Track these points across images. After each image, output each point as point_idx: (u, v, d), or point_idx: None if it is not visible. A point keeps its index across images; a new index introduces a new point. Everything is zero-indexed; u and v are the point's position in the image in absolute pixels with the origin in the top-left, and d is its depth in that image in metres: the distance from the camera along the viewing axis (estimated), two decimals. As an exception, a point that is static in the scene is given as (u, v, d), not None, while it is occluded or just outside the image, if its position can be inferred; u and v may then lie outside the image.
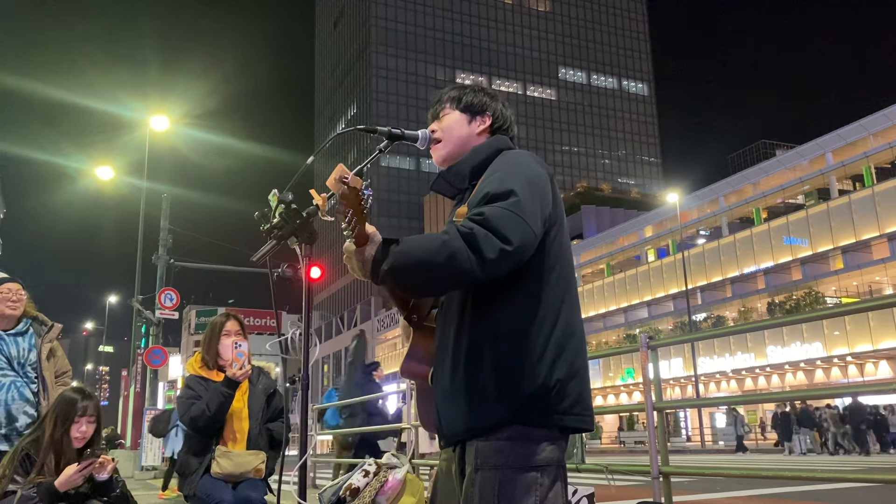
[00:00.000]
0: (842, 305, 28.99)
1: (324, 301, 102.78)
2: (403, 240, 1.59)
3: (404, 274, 1.57)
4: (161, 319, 17.19)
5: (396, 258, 1.56)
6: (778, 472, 4.36)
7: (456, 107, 1.96)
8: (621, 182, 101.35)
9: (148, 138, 19.60)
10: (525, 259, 1.60)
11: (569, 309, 1.71)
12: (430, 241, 1.56)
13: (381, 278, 1.58)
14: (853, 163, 40.59)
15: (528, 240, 1.59)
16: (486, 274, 1.54)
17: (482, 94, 1.98)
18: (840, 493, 7.68)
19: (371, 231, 1.60)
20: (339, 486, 4.22)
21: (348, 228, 1.57)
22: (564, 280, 1.73)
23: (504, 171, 1.71)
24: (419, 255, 1.55)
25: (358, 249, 1.60)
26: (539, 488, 1.59)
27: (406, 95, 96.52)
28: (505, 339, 1.63)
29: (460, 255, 1.52)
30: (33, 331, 3.94)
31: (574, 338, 1.70)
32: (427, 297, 1.85)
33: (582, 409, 1.67)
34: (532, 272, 1.66)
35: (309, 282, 2.25)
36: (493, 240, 1.53)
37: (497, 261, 1.53)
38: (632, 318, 51.96)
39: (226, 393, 3.47)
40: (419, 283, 1.61)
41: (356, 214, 1.55)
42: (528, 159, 1.78)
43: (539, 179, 1.71)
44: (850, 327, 36.45)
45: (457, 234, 1.55)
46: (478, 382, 1.63)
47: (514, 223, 1.56)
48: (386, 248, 1.58)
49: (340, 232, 1.58)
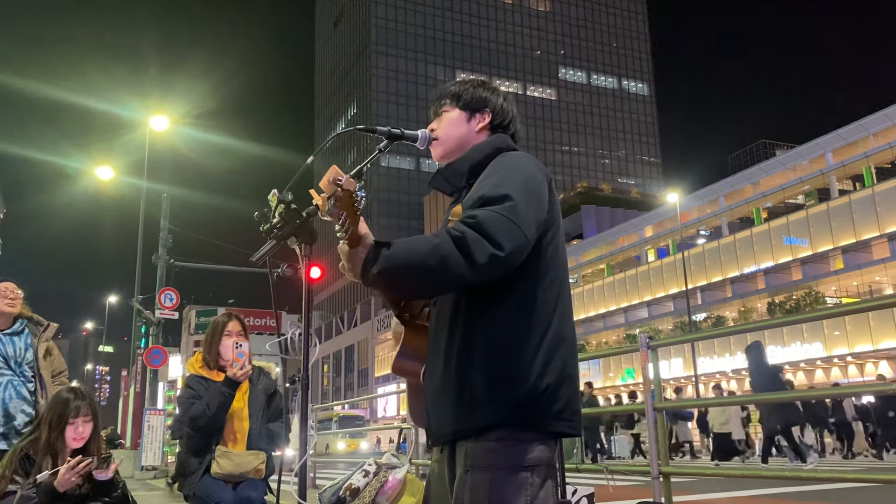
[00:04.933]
0: (842, 305, 29.02)
1: (324, 301, 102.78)
2: (394, 242, 1.57)
3: (394, 277, 1.56)
4: (161, 319, 17.18)
5: (386, 261, 1.55)
6: (778, 473, 4.36)
7: (455, 104, 1.94)
8: (621, 182, 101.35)
9: (148, 138, 19.58)
10: (516, 264, 1.59)
11: (561, 313, 1.71)
12: (420, 244, 1.55)
13: (370, 280, 1.57)
14: (853, 163, 40.60)
15: (521, 245, 1.57)
16: (476, 278, 1.53)
17: (482, 89, 1.96)
18: (840, 493, 7.67)
19: (364, 232, 1.59)
20: (339, 486, 4.21)
21: (341, 230, 1.57)
22: (558, 283, 1.72)
23: (500, 175, 1.69)
24: (409, 258, 1.54)
25: (351, 251, 1.59)
26: (530, 488, 1.59)
27: (406, 95, 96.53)
28: (497, 341, 1.63)
29: (451, 259, 1.51)
30: (29, 331, 3.95)
31: (565, 342, 1.69)
32: (417, 299, 1.85)
33: (571, 414, 1.66)
34: (526, 274, 1.65)
35: (309, 282, 2.24)
36: (485, 244, 1.52)
37: (488, 266, 1.52)
38: (632, 318, 51.98)
39: (226, 393, 3.47)
40: (409, 286, 1.60)
41: (349, 216, 1.55)
42: (526, 162, 1.76)
43: (535, 183, 1.70)
44: (850, 327, 36.47)
45: (448, 237, 1.53)
46: (468, 383, 1.62)
47: (507, 228, 1.55)
48: (377, 251, 1.56)
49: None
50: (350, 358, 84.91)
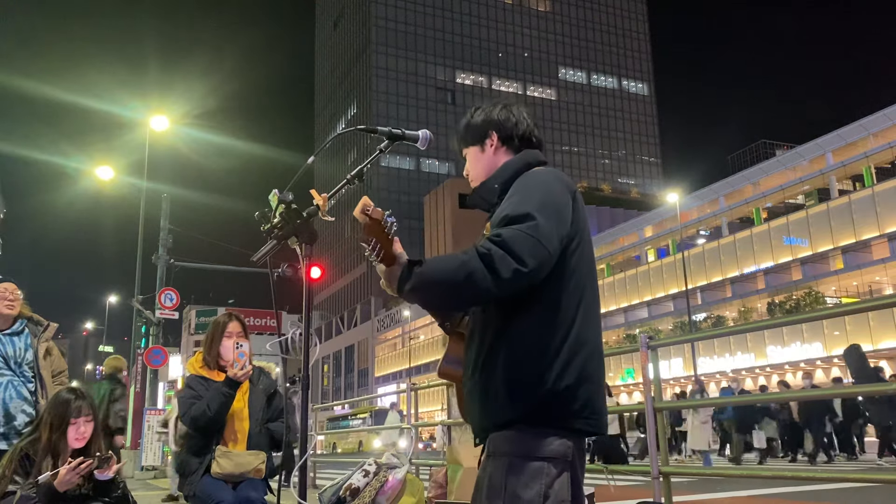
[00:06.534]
0: (842, 305, 29.00)
1: (324, 301, 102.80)
2: (426, 260, 1.70)
3: (426, 293, 1.70)
4: (161, 319, 17.19)
5: (418, 278, 1.67)
6: (778, 472, 4.37)
7: (466, 145, 2.05)
8: (621, 182, 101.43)
9: (148, 138, 19.59)
10: (540, 278, 1.70)
11: (583, 316, 1.79)
12: (449, 261, 1.67)
13: (405, 296, 1.70)
14: (853, 163, 40.61)
15: (543, 260, 1.67)
16: (501, 292, 1.65)
17: (478, 114, 2.04)
18: (840, 493, 7.68)
19: (398, 252, 1.70)
20: (339, 486, 4.21)
21: (372, 254, 1.67)
22: (580, 288, 1.81)
23: (522, 194, 1.79)
24: (439, 275, 1.67)
25: (387, 269, 1.71)
26: (545, 478, 1.68)
27: (406, 95, 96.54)
28: (518, 346, 1.73)
29: (477, 275, 1.62)
30: (29, 331, 3.95)
31: (587, 345, 1.78)
32: (449, 311, 2.00)
33: (590, 412, 1.75)
34: (549, 281, 1.75)
35: (309, 282, 2.25)
36: (509, 260, 1.62)
37: (512, 280, 1.63)
38: (632, 318, 52.00)
39: (226, 393, 3.47)
40: (440, 301, 1.75)
41: (380, 241, 1.67)
42: (548, 177, 1.85)
43: (556, 200, 1.78)
44: (850, 327, 36.47)
45: (475, 254, 1.64)
46: (492, 384, 1.75)
47: (530, 244, 1.65)
48: (410, 269, 1.68)
49: (340, 232, 1.59)
50: (350, 358, 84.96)
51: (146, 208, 19.06)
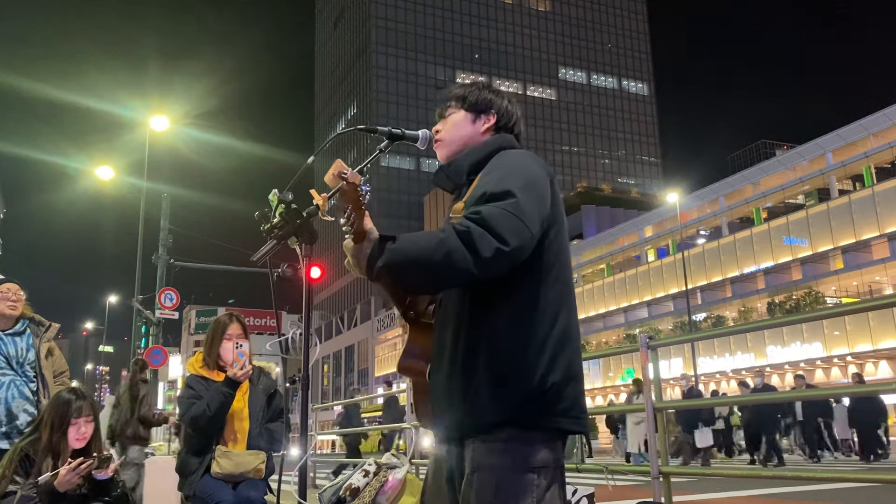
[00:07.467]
0: (842, 305, 28.99)
1: (324, 301, 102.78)
2: (400, 237, 1.59)
3: (399, 271, 1.57)
4: (161, 319, 17.18)
5: (392, 255, 1.56)
6: (778, 472, 4.36)
7: (461, 106, 1.94)
8: (621, 182, 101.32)
9: (148, 138, 19.58)
10: (521, 259, 1.59)
11: (567, 310, 1.71)
12: (426, 238, 1.56)
13: (375, 274, 1.58)
14: (853, 163, 40.60)
15: (525, 241, 1.58)
16: (481, 273, 1.53)
17: (487, 91, 1.97)
18: (840, 493, 7.68)
19: (369, 227, 1.60)
20: (339, 486, 4.22)
21: (347, 224, 1.58)
22: (562, 281, 1.73)
23: (502, 171, 1.70)
24: (415, 252, 1.55)
25: (356, 246, 1.61)
26: (536, 490, 1.59)
27: (406, 95, 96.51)
28: (502, 340, 1.63)
29: (456, 254, 1.51)
30: (30, 331, 3.96)
31: (571, 341, 1.69)
32: (422, 293, 1.85)
33: (578, 411, 1.67)
34: (530, 272, 1.66)
35: (309, 282, 2.25)
36: (490, 239, 1.52)
37: (493, 260, 1.52)
38: (632, 318, 51.97)
39: (226, 393, 3.47)
40: (414, 280, 1.60)
41: (355, 210, 1.56)
42: (528, 159, 1.77)
43: (538, 180, 1.70)
44: (850, 327, 36.46)
45: (453, 232, 1.54)
46: (473, 382, 1.62)
47: (512, 223, 1.55)
48: (382, 245, 1.58)
49: (341, 232, 1.58)
50: (350, 358, 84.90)
51: (146, 208, 19.06)
